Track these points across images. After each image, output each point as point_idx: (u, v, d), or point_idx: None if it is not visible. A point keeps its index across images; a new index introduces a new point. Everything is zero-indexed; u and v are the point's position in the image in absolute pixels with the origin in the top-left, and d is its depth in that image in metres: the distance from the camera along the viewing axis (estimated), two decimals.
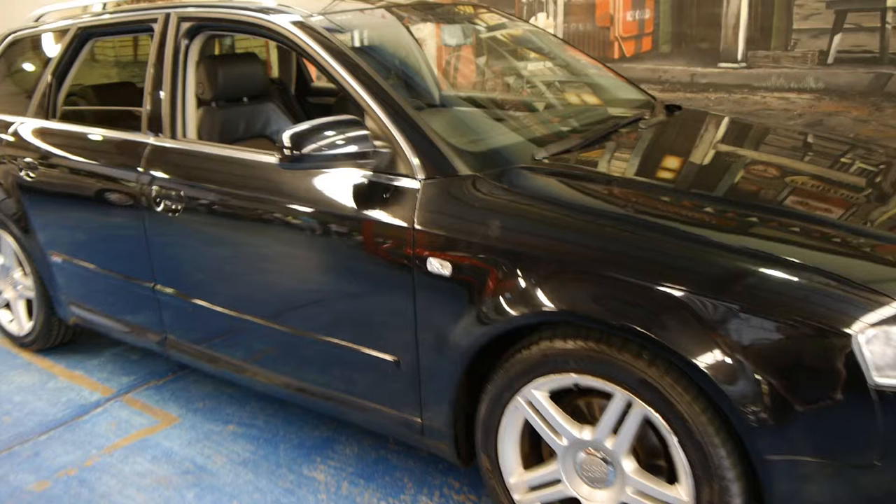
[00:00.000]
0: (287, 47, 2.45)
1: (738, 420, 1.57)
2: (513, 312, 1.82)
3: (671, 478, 1.77)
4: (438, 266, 1.93)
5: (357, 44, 2.46)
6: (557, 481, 1.96)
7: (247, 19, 2.46)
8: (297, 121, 3.01)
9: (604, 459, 1.85)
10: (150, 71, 2.70)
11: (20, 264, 3.41)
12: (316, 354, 2.34)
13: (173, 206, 2.52)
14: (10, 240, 3.37)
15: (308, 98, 3.83)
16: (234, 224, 2.39)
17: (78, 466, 2.63)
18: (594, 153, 2.27)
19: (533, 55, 3.26)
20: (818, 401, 1.52)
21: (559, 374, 1.82)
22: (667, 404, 1.67)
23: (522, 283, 1.81)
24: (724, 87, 4.42)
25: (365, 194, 2.09)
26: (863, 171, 2.32)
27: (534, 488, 2.01)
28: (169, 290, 2.69)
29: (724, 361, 1.57)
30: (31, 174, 3.09)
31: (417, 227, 1.97)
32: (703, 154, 2.42)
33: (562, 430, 1.88)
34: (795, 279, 1.57)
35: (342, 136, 2.00)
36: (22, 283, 3.43)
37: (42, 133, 3.14)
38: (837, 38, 4.01)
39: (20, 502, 2.46)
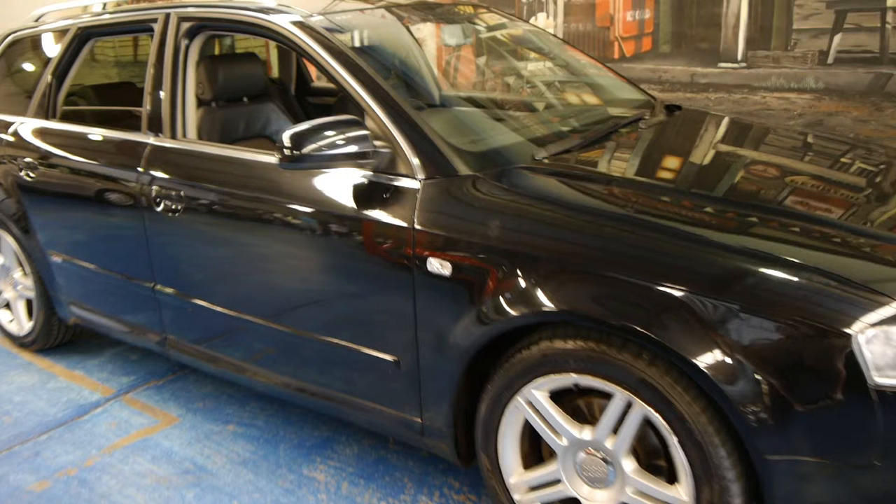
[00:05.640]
0: (287, 47, 2.45)
1: (738, 420, 1.57)
2: (513, 312, 1.82)
3: (671, 478, 1.77)
4: (438, 266, 1.93)
5: (357, 44, 2.46)
6: (557, 481, 1.96)
7: (247, 19, 2.46)
8: (297, 121, 3.01)
9: (604, 459, 1.85)
10: (150, 71, 2.70)
11: (20, 264, 3.41)
12: (316, 354, 2.34)
13: (173, 206, 2.52)
14: (10, 240, 3.37)
15: (308, 98, 3.83)
16: (234, 224, 2.39)
17: (78, 466, 2.63)
18: (594, 153, 2.27)
19: (533, 55, 3.26)
20: (818, 401, 1.52)
21: (559, 374, 1.82)
22: (667, 404, 1.67)
23: (522, 283, 1.81)
24: (724, 87, 4.42)
25: (365, 194, 2.09)
26: (863, 171, 2.32)
27: (534, 488, 2.01)
28: (169, 290, 2.69)
29: (724, 361, 1.57)
30: (31, 174, 3.09)
31: (417, 227, 1.97)
32: (703, 154, 2.42)
33: (562, 430, 1.88)
34: (795, 279, 1.57)
35: (342, 136, 2.00)
36: (22, 283, 3.43)
37: (42, 133, 3.14)
38: (837, 38, 4.01)
39: (20, 502, 2.46)
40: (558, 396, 1.89)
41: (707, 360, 1.58)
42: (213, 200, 2.43)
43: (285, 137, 1.97)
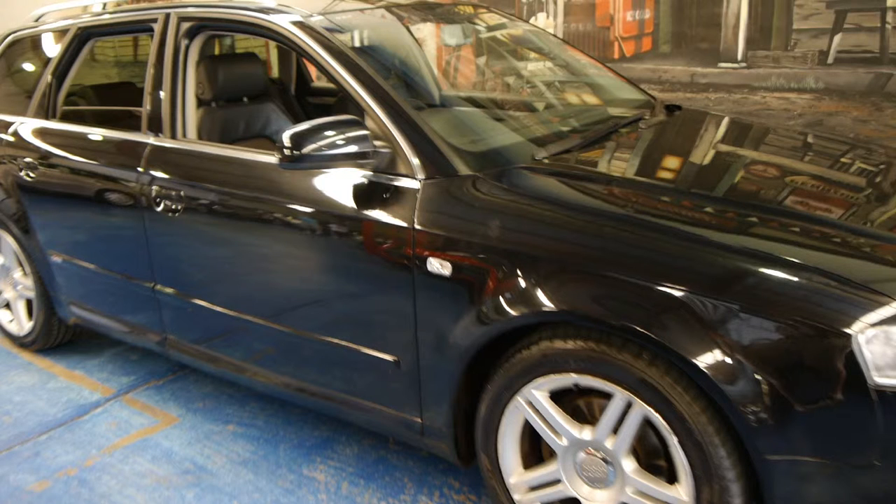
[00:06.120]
0: (287, 47, 2.45)
1: (738, 420, 1.57)
2: (513, 312, 1.81)
3: (671, 478, 1.77)
4: (438, 266, 1.93)
5: (357, 44, 2.46)
6: (557, 481, 1.96)
7: (247, 19, 2.46)
8: (297, 121, 3.01)
9: (604, 459, 1.85)
10: (150, 71, 2.70)
11: (20, 264, 3.41)
12: (316, 354, 2.34)
13: (173, 206, 2.52)
14: (10, 240, 3.37)
15: (308, 98, 3.83)
16: (234, 224, 2.39)
17: (78, 466, 2.63)
18: (594, 153, 2.27)
19: (533, 55, 3.26)
20: (818, 401, 1.52)
21: (559, 374, 1.82)
22: (667, 404, 1.67)
23: (522, 283, 1.81)
24: (724, 87, 4.42)
25: (365, 194, 2.09)
26: (863, 171, 2.32)
27: (534, 488, 2.01)
28: (169, 290, 2.69)
29: (724, 361, 1.57)
30: (31, 174, 3.09)
31: (417, 227, 1.97)
32: (703, 154, 2.42)
33: (562, 430, 1.88)
34: (795, 279, 1.57)
35: (342, 136, 2.00)
36: (22, 283, 3.43)
37: (42, 133, 3.14)
38: (837, 38, 4.01)
39: (20, 502, 2.46)
40: (558, 396, 1.89)
41: (707, 360, 1.58)
42: (213, 200, 2.43)
43: (285, 137, 1.97)
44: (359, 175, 2.11)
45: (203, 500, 2.41)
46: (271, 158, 2.29)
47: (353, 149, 2.01)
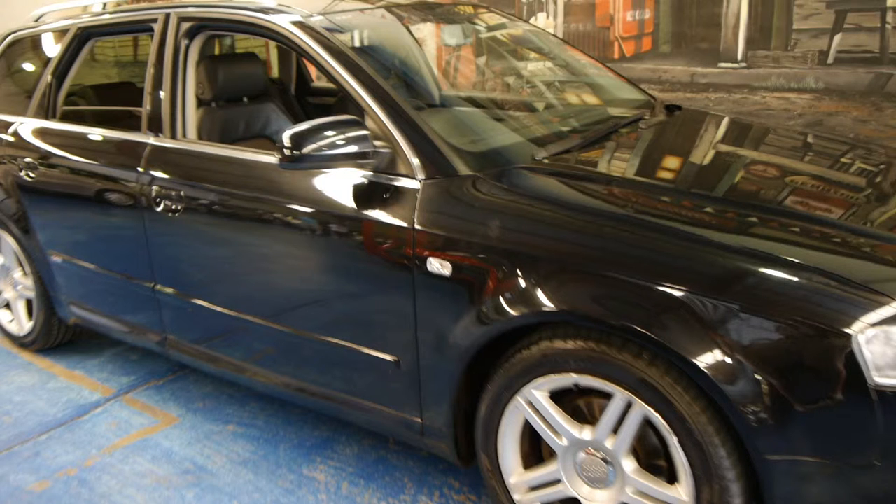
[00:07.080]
0: (287, 47, 2.46)
1: (738, 420, 1.57)
2: (513, 312, 1.82)
3: (671, 478, 1.77)
4: (438, 266, 1.93)
5: (357, 44, 2.46)
6: (557, 481, 1.96)
7: (247, 19, 2.46)
8: (297, 121, 3.01)
9: (604, 459, 1.85)
10: (150, 71, 2.70)
11: (20, 264, 3.41)
12: (316, 354, 2.34)
13: (173, 206, 2.52)
14: (10, 240, 3.37)
15: (308, 98, 3.83)
16: (234, 224, 2.39)
17: (78, 466, 2.63)
18: (594, 153, 2.27)
19: (533, 55, 3.26)
20: (818, 401, 1.52)
21: (559, 374, 1.82)
22: (667, 404, 1.67)
23: (522, 283, 1.81)
24: (724, 87, 4.42)
25: (365, 194, 2.09)
26: (863, 171, 2.32)
27: (534, 488, 2.01)
28: (169, 290, 2.69)
29: (724, 361, 1.57)
30: (31, 174, 3.09)
31: (417, 227, 1.97)
32: (703, 154, 2.42)
33: (562, 430, 1.88)
34: (795, 279, 1.57)
35: (342, 136, 2.00)
36: (22, 283, 3.43)
37: (42, 133, 3.14)
38: (837, 38, 4.01)
39: (20, 502, 2.46)
40: (558, 396, 1.89)
41: (707, 360, 1.58)
42: (213, 200, 2.43)
43: (285, 137, 1.97)
44: (359, 175, 2.11)
45: (203, 500, 2.41)
46: (271, 158, 2.29)
47: (353, 149, 2.01)
